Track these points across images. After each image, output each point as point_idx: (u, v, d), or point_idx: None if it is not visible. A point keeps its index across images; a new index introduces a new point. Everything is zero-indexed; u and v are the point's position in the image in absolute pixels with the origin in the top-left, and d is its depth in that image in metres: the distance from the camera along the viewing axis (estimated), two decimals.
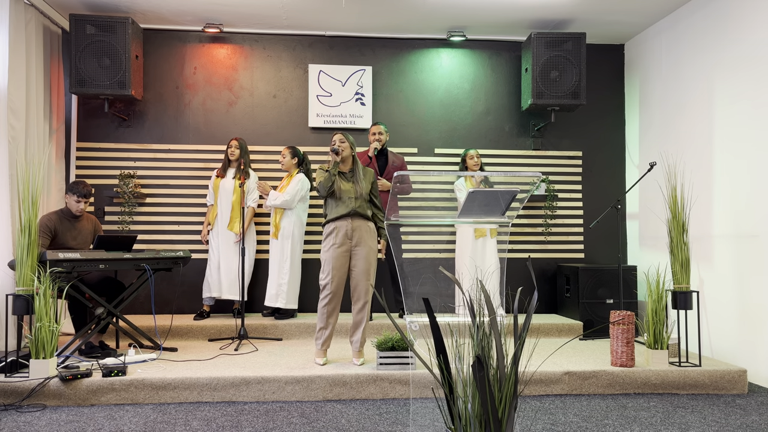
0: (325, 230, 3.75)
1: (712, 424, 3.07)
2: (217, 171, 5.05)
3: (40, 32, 4.82)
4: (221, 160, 5.37)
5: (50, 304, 3.34)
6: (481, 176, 4.80)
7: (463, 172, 3.26)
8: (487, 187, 3.45)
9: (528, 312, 1.93)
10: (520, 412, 3.23)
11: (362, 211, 3.70)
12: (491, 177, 5.00)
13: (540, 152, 5.67)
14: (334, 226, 3.70)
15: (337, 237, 3.68)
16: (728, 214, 4.27)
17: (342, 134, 3.77)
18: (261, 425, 3.00)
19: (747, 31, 4.13)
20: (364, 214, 3.71)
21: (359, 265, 3.68)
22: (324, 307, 3.70)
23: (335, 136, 3.77)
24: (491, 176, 4.93)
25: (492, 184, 5.03)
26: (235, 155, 4.99)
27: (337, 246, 3.67)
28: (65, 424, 3.00)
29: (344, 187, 3.71)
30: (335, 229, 3.69)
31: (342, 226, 3.68)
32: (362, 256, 3.68)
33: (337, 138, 3.75)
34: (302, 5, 4.89)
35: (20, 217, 3.45)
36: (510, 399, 1.86)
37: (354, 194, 3.69)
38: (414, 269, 5.46)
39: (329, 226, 3.73)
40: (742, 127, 4.15)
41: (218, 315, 5.21)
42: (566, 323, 4.94)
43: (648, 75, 5.36)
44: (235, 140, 5.01)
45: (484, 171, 5.04)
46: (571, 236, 5.67)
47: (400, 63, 5.60)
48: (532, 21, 5.22)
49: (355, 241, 3.68)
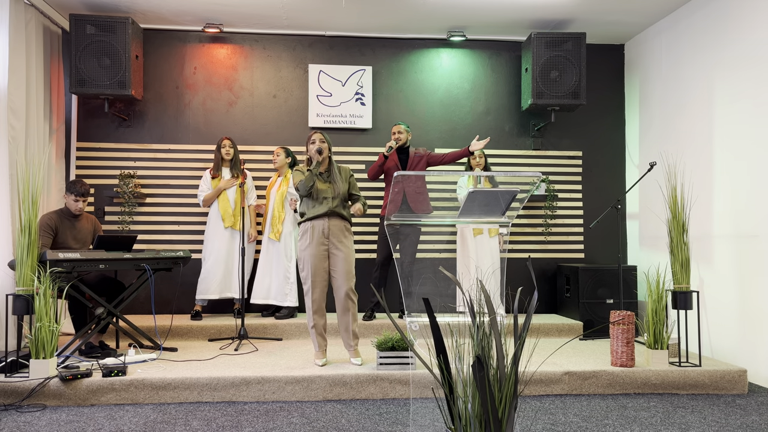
0: (301, 229, 3.76)
1: (712, 424, 3.07)
2: (211, 171, 5.02)
3: (40, 32, 4.82)
4: (213, 160, 5.36)
5: (50, 304, 3.34)
6: (485, 175, 4.81)
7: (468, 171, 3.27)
8: (491, 186, 3.45)
9: (528, 312, 1.93)
10: (520, 412, 3.23)
11: (339, 210, 3.71)
12: (492, 176, 5.00)
13: (540, 152, 5.67)
14: (310, 225, 3.71)
15: (314, 236, 3.69)
16: (728, 214, 4.27)
17: (321, 133, 3.78)
18: (261, 425, 3.00)
19: (747, 31, 4.13)
20: (341, 214, 3.72)
21: (339, 267, 3.69)
22: (309, 305, 3.73)
23: (315, 135, 3.76)
24: (487, 175, 4.93)
25: (497, 183, 5.03)
26: (230, 154, 4.99)
27: (314, 245, 3.68)
28: (65, 424, 3.00)
29: (321, 187, 3.72)
30: (311, 228, 3.70)
31: (318, 225, 3.69)
32: (341, 258, 3.68)
33: (318, 138, 3.75)
34: (302, 5, 4.89)
35: (20, 217, 3.45)
36: (510, 399, 1.86)
37: (331, 194, 3.70)
38: (414, 269, 5.46)
39: (305, 225, 3.74)
40: (743, 126, 4.15)
41: (218, 315, 5.21)
42: (566, 323, 4.94)
43: (648, 75, 5.36)
44: (228, 139, 5.00)
45: (489, 170, 5.03)
46: (571, 236, 5.67)
47: (400, 63, 5.60)
48: (532, 21, 5.22)
49: (332, 240, 3.69)
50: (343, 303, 3.70)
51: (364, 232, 5.50)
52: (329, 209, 3.68)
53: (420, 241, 5.49)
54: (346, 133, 5.53)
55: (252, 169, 5.43)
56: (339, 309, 3.73)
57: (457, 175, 3.06)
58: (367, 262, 5.47)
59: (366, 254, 5.48)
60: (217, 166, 5.02)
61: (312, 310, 3.74)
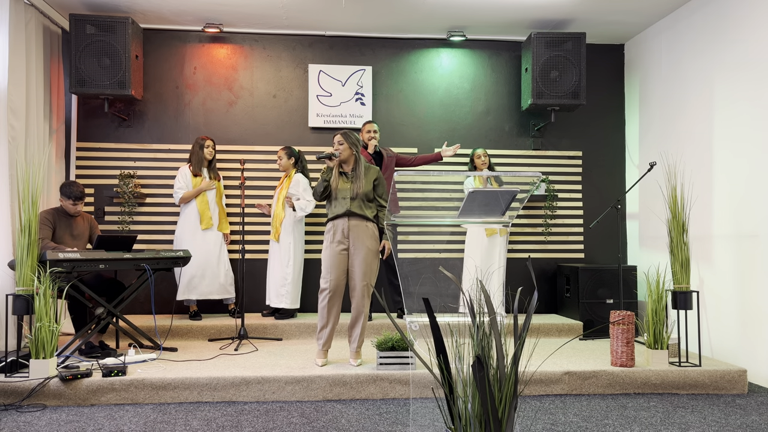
0: (326, 229, 3.76)
1: (712, 424, 3.07)
2: (192, 169, 4.92)
3: (40, 32, 4.82)
4: (221, 160, 5.37)
5: (50, 304, 3.34)
6: (488, 175, 4.81)
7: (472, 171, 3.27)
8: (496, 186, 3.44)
9: (528, 312, 1.93)
10: (520, 412, 3.23)
11: (359, 211, 3.67)
12: (493, 176, 5.00)
13: (540, 152, 5.67)
14: (332, 225, 3.71)
15: (335, 236, 3.68)
16: (728, 214, 4.27)
17: (342, 134, 3.71)
18: (261, 425, 3.00)
19: (747, 31, 4.13)
20: (362, 214, 3.68)
21: (357, 267, 3.67)
22: (322, 304, 3.70)
23: (335, 137, 3.73)
24: (494, 175, 4.93)
25: (503, 184, 5.03)
26: (212, 155, 4.98)
27: (334, 244, 3.67)
28: (65, 424, 3.00)
29: (341, 187, 3.70)
30: (333, 228, 3.70)
31: (339, 225, 3.68)
32: (360, 257, 3.66)
33: (337, 140, 3.71)
34: (302, 5, 4.89)
35: (20, 217, 3.45)
36: (510, 399, 1.86)
37: (350, 194, 3.67)
38: (414, 269, 5.46)
39: (328, 225, 3.74)
40: (742, 126, 4.15)
41: (218, 315, 5.21)
42: (566, 323, 4.94)
43: (648, 75, 5.36)
44: (210, 140, 4.98)
45: (494, 170, 5.04)
46: (571, 236, 5.67)
47: (400, 63, 5.60)
48: (532, 21, 5.22)
49: (352, 241, 3.67)
50: (359, 302, 3.67)
51: None
52: (347, 209, 3.65)
53: (420, 241, 5.50)
54: None
55: (252, 169, 5.43)
56: (353, 309, 3.72)
57: (461, 175, 3.05)
58: None
59: None
60: (199, 165, 4.95)
61: (326, 309, 3.68)
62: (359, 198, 3.67)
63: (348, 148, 3.71)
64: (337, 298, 3.71)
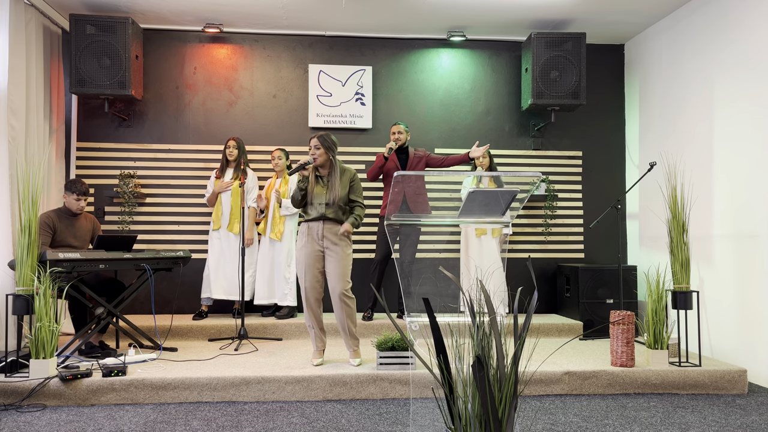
0: (300, 229, 3.77)
1: (712, 424, 3.07)
2: (216, 171, 5.04)
3: (40, 32, 4.82)
4: (221, 160, 5.37)
5: (50, 304, 3.34)
6: (490, 176, 4.81)
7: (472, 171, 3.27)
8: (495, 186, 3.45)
9: (528, 312, 1.93)
10: (520, 412, 3.23)
11: (333, 216, 3.66)
12: (498, 176, 5.00)
13: (540, 152, 5.67)
14: (306, 226, 3.72)
15: (309, 237, 3.69)
16: (728, 213, 4.27)
17: (318, 138, 3.65)
18: (261, 425, 3.00)
19: (747, 31, 4.13)
20: (336, 219, 3.68)
21: (332, 269, 3.67)
22: (304, 304, 3.75)
23: (312, 141, 3.67)
24: (494, 175, 4.93)
25: (502, 184, 5.03)
26: (233, 155, 4.99)
27: (308, 246, 3.69)
28: (65, 424, 3.00)
29: (317, 192, 3.69)
30: (308, 229, 3.71)
31: (313, 227, 3.69)
32: (336, 259, 3.66)
33: (313, 143, 3.66)
34: (302, 5, 4.89)
35: (20, 217, 3.45)
36: (510, 399, 1.86)
37: (325, 200, 3.66)
38: (413, 269, 5.46)
39: (303, 225, 3.75)
40: (742, 126, 4.15)
41: (218, 315, 5.21)
42: (566, 323, 4.94)
43: (648, 75, 5.36)
44: (233, 140, 5.00)
45: (494, 170, 5.02)
46: (571, 236, 5.67)
47: (400, 63, 5.60)
48: (532, 21, 5.22)
49: (326, 243, 3.68)
50: (338, 305, 3.69)
51: (364, 232, 5.50)
52: (321, 215, 3.66)
53: (420, 241, 5.49)
54: (346, 133, 5.53)
55: (252, 169, 5.42)
56: (335, 311, 3.73)
57: (459, 175, 3.05)
58: (367, 261, 5.47)
59: (366, 254, 5.48)
60: (222, 167, 5.04)
61: (306, 309, 3.75)
62: (334, 204, 3.67)
63: (324, 153, 3.67)
64: (315, 298, 3.73)
